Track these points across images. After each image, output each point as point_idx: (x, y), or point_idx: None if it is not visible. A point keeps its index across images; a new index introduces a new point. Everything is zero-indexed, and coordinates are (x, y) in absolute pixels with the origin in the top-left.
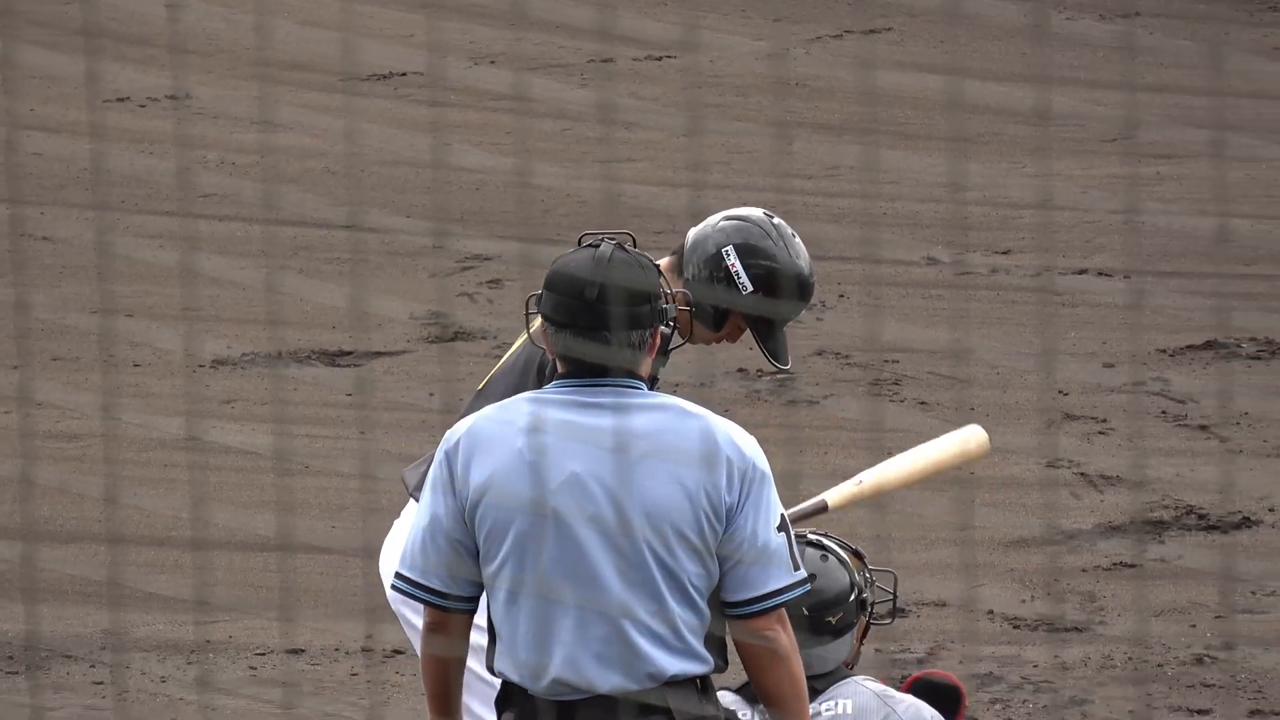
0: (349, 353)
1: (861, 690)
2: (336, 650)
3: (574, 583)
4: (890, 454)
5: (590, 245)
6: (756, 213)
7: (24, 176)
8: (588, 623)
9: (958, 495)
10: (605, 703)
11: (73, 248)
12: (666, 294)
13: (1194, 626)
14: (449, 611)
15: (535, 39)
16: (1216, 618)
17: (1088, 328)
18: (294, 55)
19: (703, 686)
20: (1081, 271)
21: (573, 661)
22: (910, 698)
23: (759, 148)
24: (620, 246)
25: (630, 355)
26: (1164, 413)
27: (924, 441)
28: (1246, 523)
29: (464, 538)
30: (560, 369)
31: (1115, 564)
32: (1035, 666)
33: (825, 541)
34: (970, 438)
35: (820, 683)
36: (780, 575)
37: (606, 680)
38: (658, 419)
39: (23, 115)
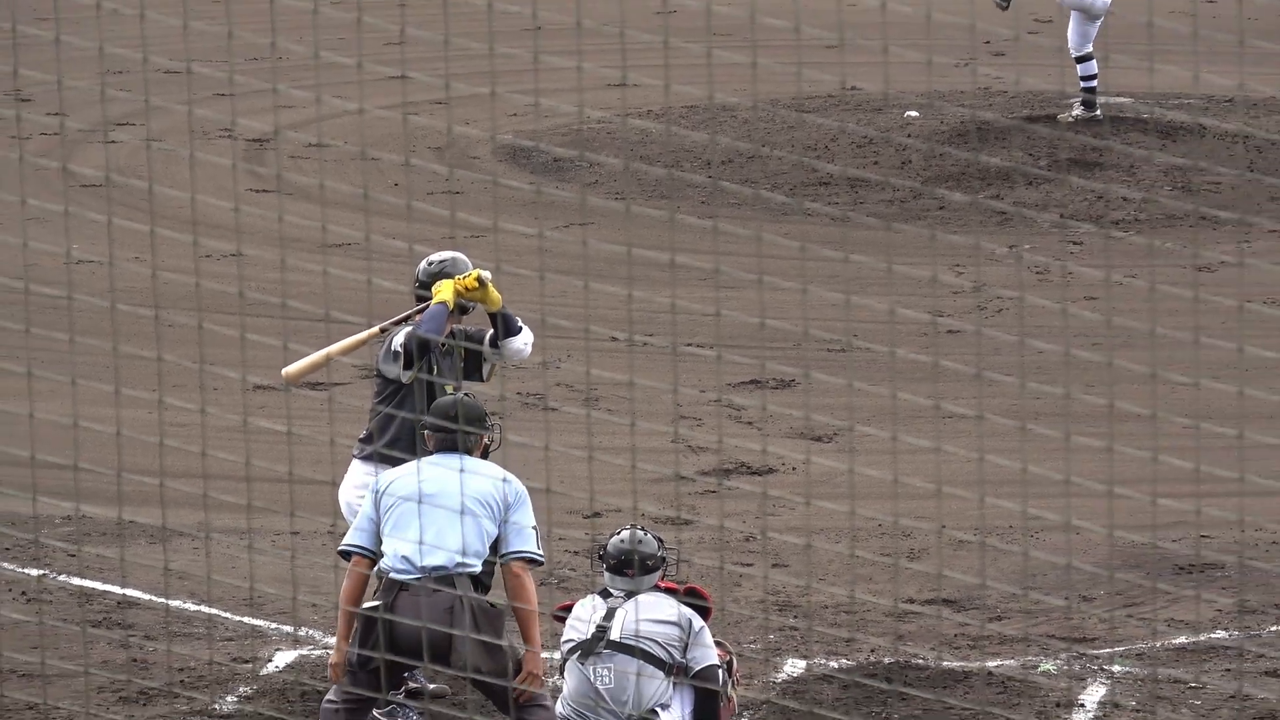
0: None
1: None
2: (314, 532)
3: (427, 524)
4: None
5: (450, 396)
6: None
7: None
8: (430, 545)
9: (628, 457)
10: (420, 583)
11: None
12: (489, 421)
13: (744, 522)
14: (364, 557)
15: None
16: (757, 517)
17: (692, 374)
18: (291, 232)
19: (475, 583)
20: (701, 346)
21: (411, 555)
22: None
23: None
24: (465, 395)
25: (468, 448)
26: (730, 415)
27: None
28: (771, 471)
29: (376, 518)
30: (431, 448)
31: (705, 491)
32: (665, 544)
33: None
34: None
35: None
36: (527, 545)
37: (429, 562)
38: (478, 466)
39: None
